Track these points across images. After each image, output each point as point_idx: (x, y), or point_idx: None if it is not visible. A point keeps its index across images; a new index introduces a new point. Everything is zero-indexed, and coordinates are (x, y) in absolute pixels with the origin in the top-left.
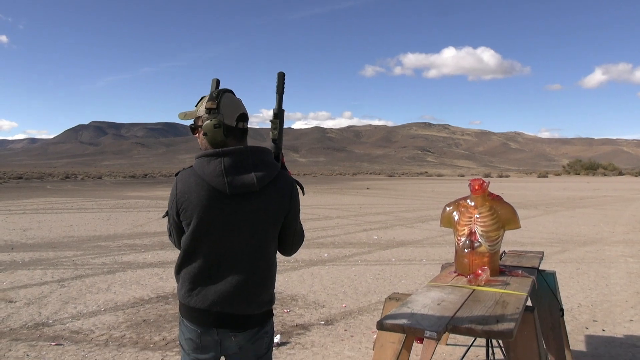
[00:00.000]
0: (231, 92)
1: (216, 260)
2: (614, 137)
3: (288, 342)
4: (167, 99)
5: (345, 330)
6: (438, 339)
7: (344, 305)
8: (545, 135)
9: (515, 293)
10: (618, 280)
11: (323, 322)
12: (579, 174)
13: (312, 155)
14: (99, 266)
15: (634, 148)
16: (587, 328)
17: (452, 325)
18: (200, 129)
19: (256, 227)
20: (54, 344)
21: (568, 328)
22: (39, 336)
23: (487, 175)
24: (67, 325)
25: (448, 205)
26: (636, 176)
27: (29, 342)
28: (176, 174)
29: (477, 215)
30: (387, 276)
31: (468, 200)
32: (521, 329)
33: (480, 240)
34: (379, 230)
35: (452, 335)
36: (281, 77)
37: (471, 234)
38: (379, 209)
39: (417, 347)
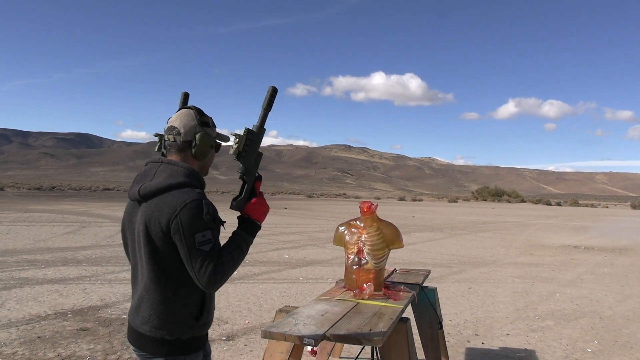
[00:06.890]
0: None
1: (134, 267)
2: (519, 167)
3: None
4: (81, 108)
5: (246, 345)
6: (315, 345)
7: (247, 321)
8: (460, 162)
9: (393, 306)
10: (503, 299)
11: (224, 338)
12: (485, 200)
13: (233, 173)
14: None
15: (535, 177)
16: (469, 341)
17: (330, 333)
18: None
19: (139, 239)
20: None
21: (452, 341)
22: None
23: (401, 199)
24: None
25: (340, 225)
26: (536, 203)
27: None
28: None
29: (365, 235)
30: (293, 294)
31: (358, 221)
32: (394, 338)
33: (367, 258)
34: (290, 250)
35: (346, 348)
36: (272, 92)
37: (359, 251)
38: (294, 228)
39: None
